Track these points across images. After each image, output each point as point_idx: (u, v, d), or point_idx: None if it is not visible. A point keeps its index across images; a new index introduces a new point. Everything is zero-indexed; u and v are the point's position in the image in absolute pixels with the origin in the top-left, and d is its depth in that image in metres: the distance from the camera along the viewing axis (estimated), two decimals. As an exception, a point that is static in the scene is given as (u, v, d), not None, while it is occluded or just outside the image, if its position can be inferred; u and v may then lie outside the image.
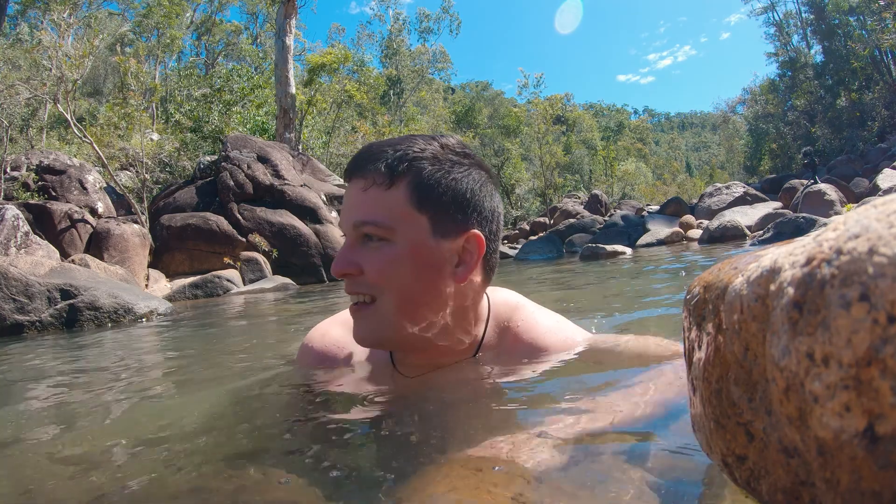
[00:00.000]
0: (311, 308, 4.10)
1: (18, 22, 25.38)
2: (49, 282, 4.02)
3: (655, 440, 0.67)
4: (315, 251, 9.01)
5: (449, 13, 33.58)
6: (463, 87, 49.54)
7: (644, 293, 2.94)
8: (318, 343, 1.14)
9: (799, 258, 0.37)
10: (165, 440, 0.91)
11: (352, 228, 0.91)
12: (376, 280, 0.89)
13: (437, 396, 0.95)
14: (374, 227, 0.88)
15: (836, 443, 0.33)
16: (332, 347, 1.12)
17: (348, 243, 0.92)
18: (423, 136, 0.95)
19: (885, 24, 25.38)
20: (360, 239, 0.91)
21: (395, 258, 0.88)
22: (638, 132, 56.25)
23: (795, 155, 27.42)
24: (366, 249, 0.90)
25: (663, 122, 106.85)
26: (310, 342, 1.15)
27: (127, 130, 13.29)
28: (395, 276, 0.89)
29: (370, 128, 19.78)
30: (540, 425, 0.75)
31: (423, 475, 0.64)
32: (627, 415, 0.75)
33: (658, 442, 0.67)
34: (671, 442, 0.66)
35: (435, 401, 0.93)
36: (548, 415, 0.81)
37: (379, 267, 0.89)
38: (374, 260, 0.89)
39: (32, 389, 1.61)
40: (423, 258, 0.90)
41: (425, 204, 0.89)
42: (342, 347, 1.12)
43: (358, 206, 0.90)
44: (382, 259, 0.89)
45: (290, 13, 14.64)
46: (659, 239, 10.04)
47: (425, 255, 0.90)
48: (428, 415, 0.88)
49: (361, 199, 0.90)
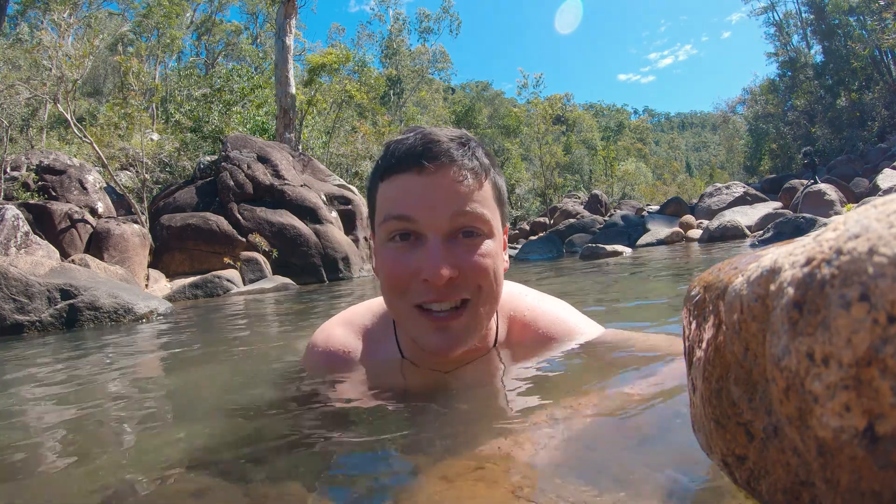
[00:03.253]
0: (312, 308, 4.10)
1: (18, 22, 25.39)
2: (49, 282, 4.02)
3: (656, 439, 0.67)
4: (315, 251, 9.01)
5: (449, 13, 33.63)
6: (463, 87, 49.58)
7: (644, 293, 2.94)
8: (322, 345, 1.13)
9: (799, 258, 0.37)
10: (166, 441, 0.91)
11: (450, 218, 0.84)
12: (478, 278, 0.85)
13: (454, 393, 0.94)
14: (481, 220, 0.85)
15: (836, 443, 0.33)
16: (337, 349, 1.11)
17: (439, 242, 0.84)
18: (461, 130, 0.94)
19: (885, 24, 25.38)
20: (450, 235, 0.85)
21: (493, 253, 0.87)
22: (638, 132, 56.27)
23: (795, 155, 27.44)
24: (460, 247, 0.85)
25: (663, 122, 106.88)
26: (314, 345, 1.14)
27: (127, 130, 13.29)
28: (491, 272, 0.87)
29: (370, 128, 19.79)
30: (543, 421, 0.76)
31: (426, 473, 0.64)
32: (631, 412, 0.76)
33: (659, 440, 0.67)
34: (672, 441, 0.66)
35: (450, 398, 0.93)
36: (552, 410, 0.81)
37: (482, 264, 0.85)
38: (473, 257, 0.85)
39: (32, 390, 1.61)
40: (501, 251, 0.92)
41: (499, 200, 0.93)
42: (347, 349, 1.10)
43: (459, 197, 0.84)
44: (484, 255, 0.86)
45: (290, 13, 14.64)
46: (659, 239, 10.05)
47: (501, 249, 0.92)
48: (439, 412, 0.87)
49: (459, 191, 0.84)
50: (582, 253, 7.56)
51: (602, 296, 2.95)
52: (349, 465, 0.73)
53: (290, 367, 1.48)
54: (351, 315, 1.15)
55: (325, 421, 0.93)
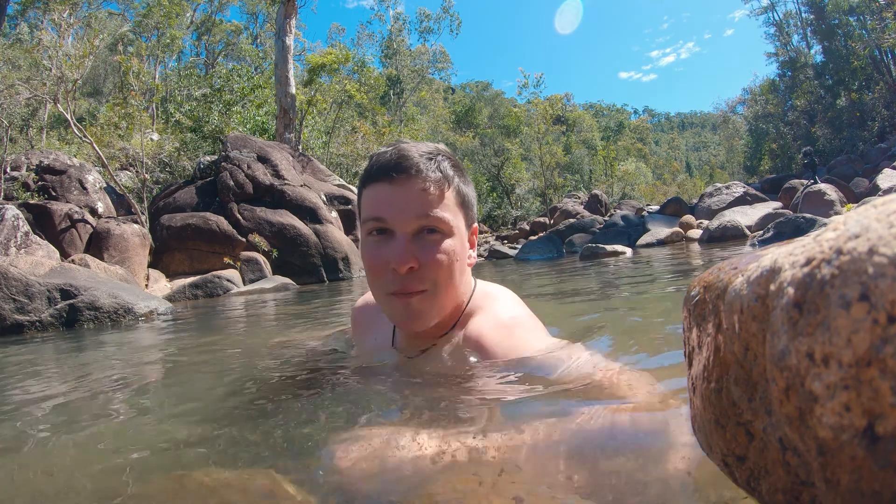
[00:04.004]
0: (311, 308, 4.10)
1: (18, 22, 25.39)
2: (49, 282, 4.02)
3: (656, 439, 0.67)
4: (315, 251, 9.01)
5: (449, 13, 33.62)
6: (463, 87, 49.60)
7: (644, 293, 2.94)
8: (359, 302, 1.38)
9: (799, 258, 0.37)
10: (167, 442, 0.91)
11: (414, 220, 1.01)
12: (435, 271, 1.01)
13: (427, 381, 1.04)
14: (441, 222, 1.02)
15: (836, 443, 0.33)
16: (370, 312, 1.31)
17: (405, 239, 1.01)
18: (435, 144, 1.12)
19: (885, 24, 25.37)
20: (415, 233, 1.02)
21: (452, 250, 1.03)
22: (638, 132, 56.30)
23: (795, 155, 27.45)
24: (423, 243, 1.01)
25: (663, 122, 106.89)
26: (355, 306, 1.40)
27: (127, 130, 13.28)
28: (449, 266, 1.03)
29: (370, 128, 19.79)
30: (540, 420, 0.75)
31: (420, 472, 0.64)
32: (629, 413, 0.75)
33: (658, 441, 0.67)
34: (672, 441, 0.66)
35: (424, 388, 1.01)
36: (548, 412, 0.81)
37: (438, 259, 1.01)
38: (433, 252, 1.01)
39: (31, 390, 1.61)
40: (463, 249, 1.08)
41: (463, 204, 1.09)
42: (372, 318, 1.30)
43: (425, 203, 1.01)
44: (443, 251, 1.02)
45: (290, 13, 14.64)
46: (659, 239, 10.05)
47: (464, 247, 1.08)
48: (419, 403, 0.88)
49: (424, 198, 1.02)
50: (582, 253, 7.56)
51: (602, 296, 2.94)
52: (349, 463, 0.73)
53: (289, 367, 1.49)
54: None
55: (326, 421, 0.93)
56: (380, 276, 1.04)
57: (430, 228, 1.02)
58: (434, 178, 1.03)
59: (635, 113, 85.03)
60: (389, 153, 1.05)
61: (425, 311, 1.04)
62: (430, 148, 1.08)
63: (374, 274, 1.05)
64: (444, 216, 1.02)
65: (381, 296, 1.06)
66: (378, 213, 1.02)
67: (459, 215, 1.07)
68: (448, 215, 1.03)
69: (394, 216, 1.01)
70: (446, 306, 1.07)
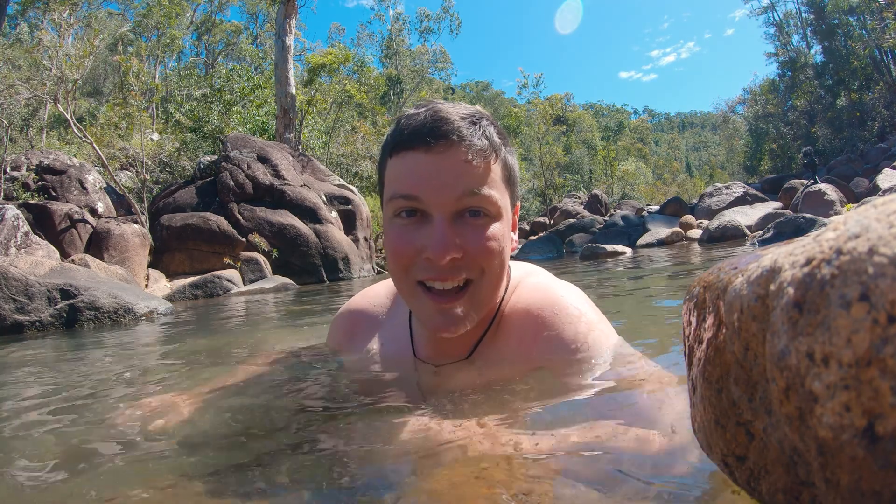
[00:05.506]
0: (312, 308, 4.10)
1: (18, 22, 25.39)
2: (49, 282, 4.02)
3: (657, 439, 0.67)
4: (315, 251, 9.01)
5: (449, 13, 33.60)
6: (463, 87, 49.65)
7: (644, 293, 2.94)
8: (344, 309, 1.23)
9: (799, 258, 0.37)
10: (167, 443, 0.91)
11: (456, 199, 0.81)
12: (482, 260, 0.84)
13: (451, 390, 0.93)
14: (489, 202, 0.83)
15: (836, 443, 0.33)
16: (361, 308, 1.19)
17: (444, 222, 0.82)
18: (475, 106, 0.92)
19: (885, 24, 25.37)
20: (456, 215, 0.83)
21: (500, 235, 0.85)
22: (638, 132, 56.32)
23: (795, 155, 27.45)
24: (467, 228, 0.83)
25: (663, 122, 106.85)
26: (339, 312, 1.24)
27: (127, 130, 13.28)
28: (497, 254, 0.85)
29: (370, 128, 19.78)
30: (543, 422, 0.75)
31: (425, 471, 0.64)
32: (629, 414, 0.75)
33: (658, 441, 0.67)
34: (672, 441, 0.66)
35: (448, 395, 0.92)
36: (549, 412, 0.81)
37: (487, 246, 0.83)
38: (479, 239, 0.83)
39: (31, 390, 1.61)
40: (509, 233, 0.90)
41: (509, 180, 0.90)
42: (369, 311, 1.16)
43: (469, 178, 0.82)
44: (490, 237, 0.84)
45: (290, 13, 14.64)
46: (659, 239, 10.05)
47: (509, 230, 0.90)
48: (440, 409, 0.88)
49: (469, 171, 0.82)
50: (582, 253, 7.56)
51: (602, 296, 2.94)
52: (349, 463, 0.73)
53: (289, 366, 1.48)
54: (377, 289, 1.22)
55: (325, 420, 0.93)
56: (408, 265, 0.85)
57: (474, 210, 0.83)
58: (479, 147, 0.83)
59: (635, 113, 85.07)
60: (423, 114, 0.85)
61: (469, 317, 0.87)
62: (470, 110, 0.88)
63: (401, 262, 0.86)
64: (493, 195, 0.84)
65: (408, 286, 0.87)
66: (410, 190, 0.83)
67: (506, 194, 0.88)
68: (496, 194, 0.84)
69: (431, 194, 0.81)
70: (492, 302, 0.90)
